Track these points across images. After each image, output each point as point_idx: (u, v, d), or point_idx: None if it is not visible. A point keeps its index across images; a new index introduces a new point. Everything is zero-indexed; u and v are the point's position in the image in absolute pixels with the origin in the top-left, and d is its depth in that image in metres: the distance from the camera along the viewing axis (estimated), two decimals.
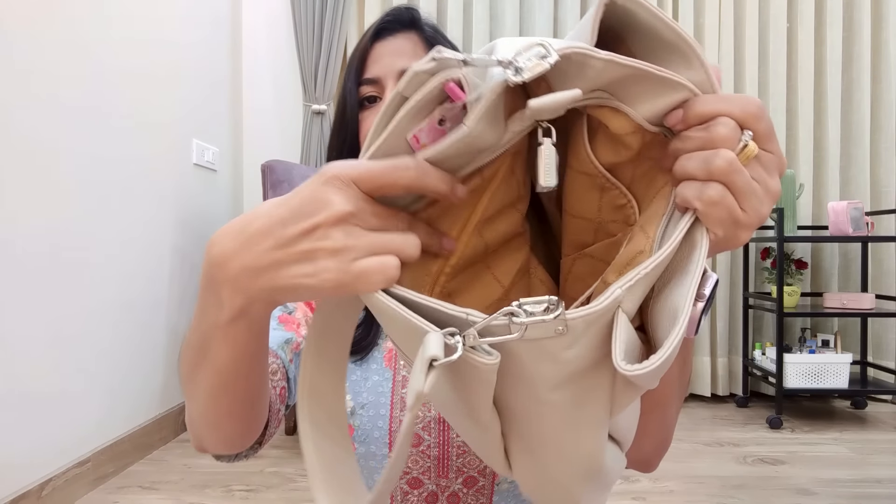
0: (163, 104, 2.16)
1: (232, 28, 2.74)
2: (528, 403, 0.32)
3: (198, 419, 0.43)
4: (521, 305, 0.27)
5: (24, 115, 1.52)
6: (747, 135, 0.31)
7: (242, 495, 1.74)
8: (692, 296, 0.29)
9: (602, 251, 0.39)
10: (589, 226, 0.39)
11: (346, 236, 0.30)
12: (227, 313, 0.33)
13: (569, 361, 0.29)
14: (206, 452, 0.47)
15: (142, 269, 2.04)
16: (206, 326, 0.36)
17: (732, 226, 0.31)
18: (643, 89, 0.30)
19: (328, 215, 0.30)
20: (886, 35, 2.77)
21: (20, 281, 1.50)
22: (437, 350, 0.26)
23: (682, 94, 0.31)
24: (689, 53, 0.30)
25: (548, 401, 0.31)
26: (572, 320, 0.27)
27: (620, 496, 1.74)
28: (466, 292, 0.39)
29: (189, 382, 0.42)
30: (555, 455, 0.34)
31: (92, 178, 1.78)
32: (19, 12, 1.51)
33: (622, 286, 0.28)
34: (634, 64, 0.29)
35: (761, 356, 2.62)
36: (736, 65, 2.81)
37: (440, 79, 0.30)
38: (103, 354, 1.84)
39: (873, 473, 1.91)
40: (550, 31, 2.77)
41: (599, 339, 0.29)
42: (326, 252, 0.30)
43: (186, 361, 0.41)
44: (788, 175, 2.51)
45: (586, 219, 0.39)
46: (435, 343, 0.26)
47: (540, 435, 0.33)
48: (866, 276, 2.67)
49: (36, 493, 1.54)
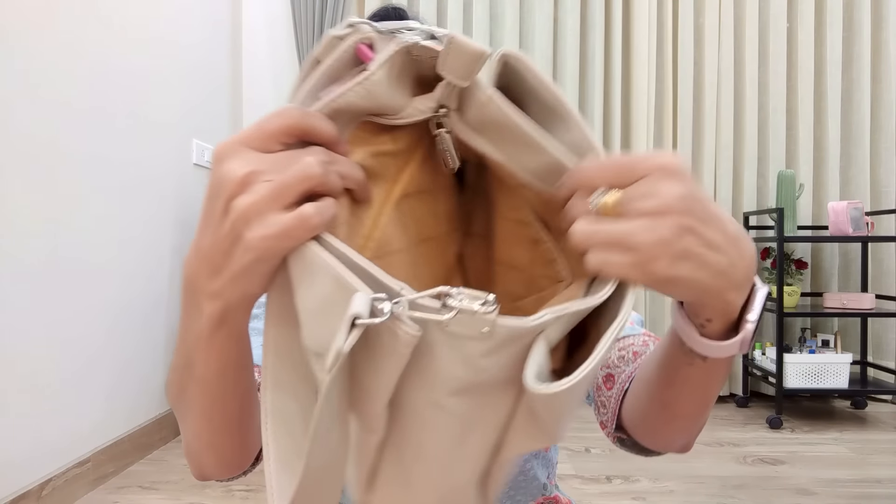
0: (163, 104, 2.16)
1: (232, 28, 2.74)
2: (421, 405, 0.31)
3: (194, 443, 0.43)
4: (460, 292, 0.27)
5: (25, 115, 1.52)
6: (596, 194, 0.31)
7: (242, 495, 1.74)
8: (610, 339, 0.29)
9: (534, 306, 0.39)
10: (521, 277, 0.40)
11: (253, 195, 0.29)
12: (207, 322, 0.34)
13: (480, 370, 0.29)
14: (208, 479, 0.47)
15: (142, 268, 2.04)
16: (190, 342, 0.36)
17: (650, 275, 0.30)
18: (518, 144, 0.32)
19: (229, 186, 0.29)
20: (886, 35, 2.77)
21: (20, 281, 1.50)
22: (362, 309, 0.25)
23: (548, 157, 0.32)
24: (566, 116, 0.31)
25: (443, 405, 0.30)
26: (500, 326, 0.27)
27: (620, 496, 1.74)
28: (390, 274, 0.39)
29: (180, 406, 0.42)
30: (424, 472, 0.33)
31: (92, 177, 1.78)
32: (20, 12, 1.51)
33: (554, 313, 0.29)
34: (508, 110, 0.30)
35: (761, 356, 2.62)
36: (736, 65, 2.82)
37: (352, 40, 0.31)
38: (103, 354, 1.84)
39: (873, 473, 1.91)
40: (550, 30, 2.77)
41: (514, 359, 0.29)
42: (242, 221, 0.29)
43: (174, 385, 0.41)
44: (788, 175, 2.51)
45: (518, 269, 0.40)
46: (362, 302, 0.26)
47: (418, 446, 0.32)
48: (866, 276, 2.67)
49: (36, 493, 1.54)
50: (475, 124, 0.32)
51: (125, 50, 1.94)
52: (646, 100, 2.74)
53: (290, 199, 0.29)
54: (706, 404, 0.43)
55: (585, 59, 2.80)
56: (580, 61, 2.80)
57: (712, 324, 0.35)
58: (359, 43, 0.31)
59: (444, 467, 0.32)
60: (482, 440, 0.32)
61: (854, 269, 2.80)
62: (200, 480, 0.47)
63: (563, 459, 2.04)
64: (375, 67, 0.30)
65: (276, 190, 0.29)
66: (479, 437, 0.32)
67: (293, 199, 0.29)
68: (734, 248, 0.32)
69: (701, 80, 2.79)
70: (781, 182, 2.51)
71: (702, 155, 2.79)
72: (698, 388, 0.41)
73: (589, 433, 2.29)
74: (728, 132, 2.78)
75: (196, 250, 0.32)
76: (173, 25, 2.23)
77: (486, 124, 0.32)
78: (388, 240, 0.38)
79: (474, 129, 0.33)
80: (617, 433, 0.53)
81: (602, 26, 2.76)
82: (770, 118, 2.80)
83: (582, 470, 1.94)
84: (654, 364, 0.45)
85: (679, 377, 0.40)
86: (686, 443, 0.47)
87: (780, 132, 2.80)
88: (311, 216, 0.29)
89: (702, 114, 2.79)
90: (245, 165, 0.29)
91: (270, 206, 0.29)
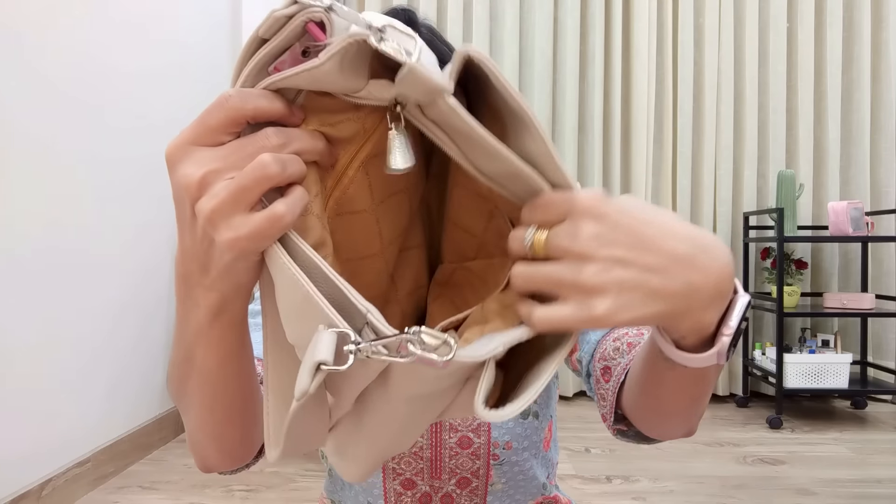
0: (163, 104, 2.16)
1: (232, 28, 2.74)
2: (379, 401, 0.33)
3: (197, 434, 0.43)
4: (420, 333, 0.27)
5: (25, 115, 1.52)
6: (529, 232, 0.32)
7: (242, 495, 1.74)
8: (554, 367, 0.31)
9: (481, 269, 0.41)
10: (472, 241, 0.41)
11: (213, 198, 0.28)
12: (205, 313, 0.34)
13: (432, 384, 0.31)
14: (212, 471, 0.47)
15: (142, 268, 2.04)
16: (190, 335, 0.36)
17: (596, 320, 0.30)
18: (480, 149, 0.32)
19: (189, 191, 0.29)
20: (886, 35, 2.76)
21: (20, 280, 1.50)
22: (327, 355, 0.26)
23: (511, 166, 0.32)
24: (530, 124, 0.31)
25: (396, 406, 0.33)
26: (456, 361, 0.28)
27: (620, 496, 1.74)
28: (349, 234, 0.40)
29: (182, 399, 0.42)
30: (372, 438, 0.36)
31: (92, 177, 1.78)
32: (20, 12, 1.51)
33: (505, 343, 0.30)
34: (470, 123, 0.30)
35: (761, 356, 2.62)
36: (736, 65, 2.82)
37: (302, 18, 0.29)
38: (103, 354, 1.84)
39: (873, 473, 1.91)
40: (550, 30, 2.77)
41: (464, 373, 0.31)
42: (210, 225, 0.29)
43: (175, 380, 0.41)
44: (788, 175, 2.51)
45: (471, 234, 0.41)
46: (327, 345, 0.26)
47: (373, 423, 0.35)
48: (866, 276, 2.67)
49: (36, 493, 1.54)
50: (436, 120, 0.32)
51: (125, 49, 1.94)
52: (646, 100, 2.74)
53: (252, 201, 0.28)
54: (697, 401, 0.42)
55: (585, 59, 2.80)
56: (580, 61, 2.80)
57: (687, 339, 0.34)
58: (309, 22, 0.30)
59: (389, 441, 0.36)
60: (424, 424, 0.36)
61: (854, 269, 2.80)
62: (205, 472, 0.47)
63: (563, 459, 2.04)
64: (325, 57, 0.28)
65: (236, 193, 0.28)
66: (422, 423, 0.35)
67: (255, 199, 0.29)
68: (691, 265, 0.30)
69: (701, 80, 2.79)
70: (781, 182, 2.51)
71: (702, 155, 2.79)
72: (685, 388, 0.40)
73: (589, 433, 2.29)
74: (728, 132, 2.78)
75: (181, 250, 0.32)
76: (174, 25, 2.23)
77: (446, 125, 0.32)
78: (351, 200, 0.38)
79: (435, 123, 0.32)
80: (616, 425, 0.54)
81: (602, 26, 2.76)
82: (770, 118, 2.80)
83: (582, 470, 1.94)
84: (639, 365, 0.45)
85: (664, 380, 0.40)
86: (687, 430, 0.47)
87: (780, 132, 2.80)
88: (282, 215, 0.28)
89: (702, 114, 2.79)
90: (199, 167, 0.29)
91: (234, 209, 0.28)
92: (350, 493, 0.69)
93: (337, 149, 0.35)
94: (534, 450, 0.67)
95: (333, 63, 0.28)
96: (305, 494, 1.74)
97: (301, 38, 0.31)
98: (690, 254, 0.30)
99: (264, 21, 0.30)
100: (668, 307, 0.30)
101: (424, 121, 0.32)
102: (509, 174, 0.32)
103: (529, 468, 0.67)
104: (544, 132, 0.31)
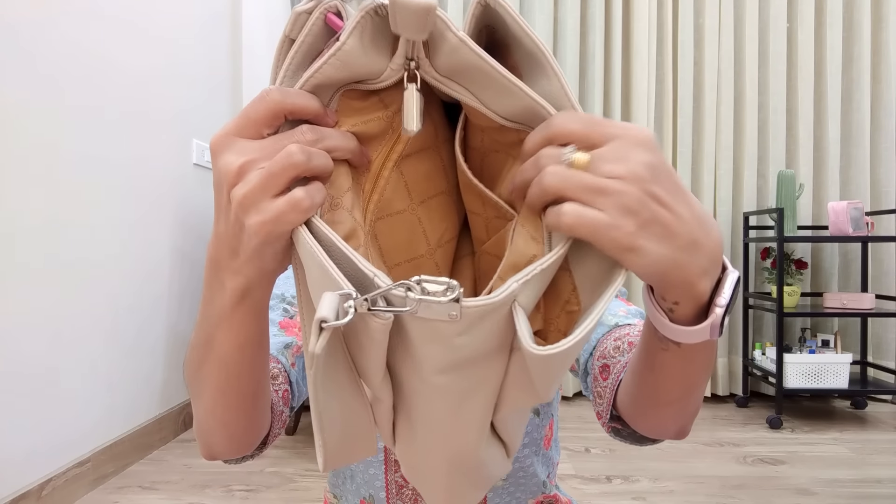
0: (163, 104, 2.16)
1: (232, 28, 2.74)
2: (414, 381, 0.33)
3: (207, 421, 0.44)
4: (420, 282, 0.28)
5: (25, 114, 1.52)
6: (568, 149, 0.31)
7: (242, 495, 1.74)
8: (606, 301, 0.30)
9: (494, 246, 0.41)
10: (480, 221, 0.41)
11: (246, 184, 0.31)
12: (230, 296, 0.36)
13: (460, 347, 0.30)
14: (216, 459, 0.48)
15: (141, 268, 2.04)
16: (213, 318, 0.38)
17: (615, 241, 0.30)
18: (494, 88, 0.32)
19: (227, 177, 0.32)
20: (886, 35, 2.77)
21: (20, 280, 1.50)
22: (328, 312, 0.27)
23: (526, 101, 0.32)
24: (545, 64, 0.32)
25: (432, 383, 0.32)
26: (467, 308, 0.28)
27: (620, 496, 1.74)
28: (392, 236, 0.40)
29: (196, 383, 0.43)
30: (430, 437, 0.35)
31: (92, 177, 1.78)
32: (20, 11, 1.51)
33: (518, 280, 0.29)
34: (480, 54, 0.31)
35: (761, 356, 2.62)
36: (736, 65, 2.82)
37: (319, 10, 0.32)
38: (103, 354, 1.84)
39: (873, 473, 1.91)
40: (550, 30, 2.77)
41: (494, 331, 0.30)
42: (241, 209, 0.31)
43: (192, 362, 0.42)
44: (788, 175, 2.51)
45: (476, 214, 0.41)
46: (328, 305, 0.27)
47: (421, 414, 0.34)
48: (866, 276, 2.68)
49: (36, 493, 1.54)
50: (448, 71, 0.33)
51: (125, 49, 1.94)
52: (646, 100, 2.74)
53: (279, 187, 0.31)
54: (690, 390, 0.42)
55: (585, 59, 2.80)
56: (580, 61, 2.80)
57: (680, 307, 0.34)
58: (326, 12, 0.32)
59: (446, 433, 0.34)
60: (478, 408, 0.34)
61: (854, 269, 2.80)
62: (209, 460, 0.49)
63: (563, 459, 2.04)
64: (345, 37, 0.30)
65: (265, 179, 0.31)
66: (474, 405, 0.33)
67: (282, 186, 0.31)
68: (700, 226, 0.32)
69: (701, 80, 2.79)
70: (781, 182, 2.51)
71: (702, 155, 2.79)
72: (677, 373, 0.40)
73: (589, 433, 2.29)
74: (728, 132, 2.78)
75: (215, 235, 0.35)
76: (173, 25, 2.23)
77: (458, 70, 0.32)
78: (390, 201, 0.39)
79: (447, 75, 0.33)
80: (612, 423, 0.54)
81: (602, 26, 2.76)
82: (770, 118, 2.80)
83: (582, 470, 1.94)
84: (636, 352, 0.45)
85: (657, 363, 0.40)
86: (680, 428, 0.47)
87: (780, 132, 2.80)
88: (301, 200, 0.31)
89: (702, 114, 2.79)
90: (239, 156, 0.31)
91: (262, 194, 0.31)
92: (352, 486, 0.69)
93: (369, 148, 0.37)
94: (534, 447, 0.68)
95: (354, 40, 0.31)
96: (305, 494, 1.74)
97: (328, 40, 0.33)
98: (703, 215, 0.32)
99: (289, 21, 0.33)
100: (676, 256, 0.31)
101: (439, 77, 0.33)
102: (526, 110, 0.33)
103: (530, 465, 0.67)
104: (559, 70, 0.32)
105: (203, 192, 2.46)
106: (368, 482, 0.67)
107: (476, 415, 0.34)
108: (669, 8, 2.77)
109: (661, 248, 0.30)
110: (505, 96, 0.32)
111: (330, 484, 0.74)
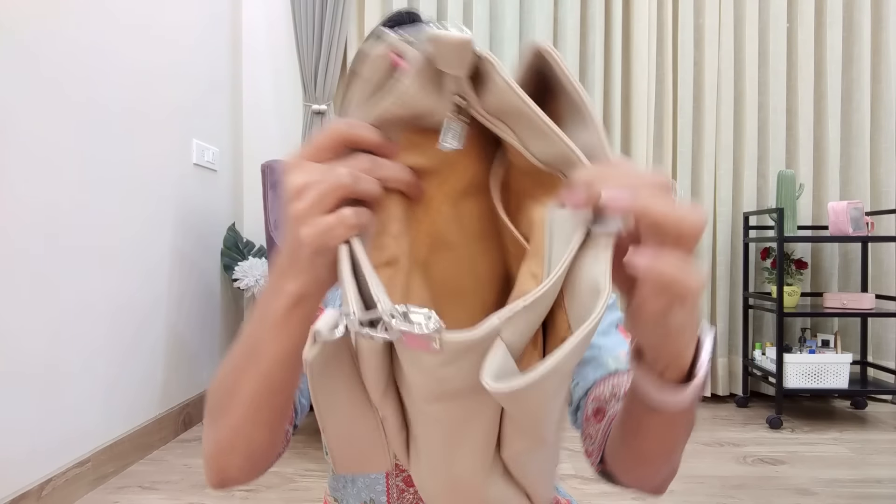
0: (163, 104, 2.16)
1: (232, 28, 2.74)
2: (414, 409, 0.34)
3: (229, 438, 0.45)
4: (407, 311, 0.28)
5: (25, 114, 1.52)
6: None
7: (242, 495, 1.74)
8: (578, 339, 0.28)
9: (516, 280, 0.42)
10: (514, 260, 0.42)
11: (303, 201, 0.35)
12: (286, 300, 0.39)
13: (446, 379, 0.30)
14: (226, 485, 0.48)
15: (141, 268, 2.04)
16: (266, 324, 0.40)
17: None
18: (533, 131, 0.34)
19: (290, 194, 0.36)
20: (886, 35, 2.77)
21: (19, 280, 1.50)
22: (323, 325, 0.29)
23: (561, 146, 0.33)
24: (587, 116, 0.33)
25: (425, 410, 0.33)
26: (448, 341, 0.28)
27: (620, 496, 1.74)
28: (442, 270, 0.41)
29: (226, 400, 0.44)
30: (430, 461, 0.36)
31: (92, 177, 1.78)
32: (20, 11, 1.51)
33: (501, 317, 0.29)
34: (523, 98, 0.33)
35: (761, 356, 2.62)
36: (736, 65, 2.82)
37: (381, 50, 0.35)
38: (103, 354, 1.84)
39: (873, 473, 1.91)
40: (550, 31, 2.77)
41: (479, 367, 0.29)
42: (298, 222, 0.35)
43: (227, 377, 0.44)
44: (788, 175, 2.51)
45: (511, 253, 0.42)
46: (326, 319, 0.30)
47: (421, 437, 0.35)
48: (866, 276, 2.68)
49: (36, 493, 1.54)
50: (494, 111, 0.35)
51: (125, 49, 1.94)
52: (646, 100, 2.74)
53: (330, 205, 0.35)
54: (670, 453, 0.44)
55: (585, 59, 2.80)
56: (580, 61, 2.80)
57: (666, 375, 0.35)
58: (391, 53, 0.35)
59: (443, 460, 0.35)
60: (475, 440, 0.34)
61: (854, 269, 2.80)
62: (218, 487, 0.48)
63: (563, 459, 2.04)
64: (408, 81, 0.34)
65: (318, 197, 0.34)
66: (470, 437, 0.33)
67: (333, 203, 0.35)
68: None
69: (701, 80, 2.79)
70: (781, 182, 2.51)
71: (702, 155, 2.79)
72: (660, 437, 0.42)
73: None
74: (728, 132, 2.78)
75: (282, 245, 0.39)
76: (173, 25, 2.23)
77: (503, 111, 0.34)
78: (443, 235, 0.41)
79: (494, 115, 0.35)
80: (601, 465, 0.55)
81: (602, 26, 2.76)
82: (770, 118, 2.80)
83: (582, 470, 1.94)
84: (621, 412, 0.46)
85: (642, 427, 0.42)
86: (657, 486, 0.49)
87: (780, 132, 2.80)
88: (347, 217, 0.34)
89: (702, 114, 2.79)
90: (301, 177, 0.35)
91: (315, 210, 0.34)
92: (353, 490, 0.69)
93: (425, 181, 0.39)
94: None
95: (413, 82, 0.34)
96: (305, 494, 1.74)
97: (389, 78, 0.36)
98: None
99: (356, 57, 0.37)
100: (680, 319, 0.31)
101: (486, 115, 0.36)
102: (563, 157, 0.34)
103: None
104: (601, 126, 0.33)
105: (203, 192, 2.46)
106: (370, 486, 0.67)
107: (473, 447, 0.34)
108: (669, 8, 2.77)
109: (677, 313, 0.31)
110: (542, 140, 0.34)
111: (330, 487, 0.74)
